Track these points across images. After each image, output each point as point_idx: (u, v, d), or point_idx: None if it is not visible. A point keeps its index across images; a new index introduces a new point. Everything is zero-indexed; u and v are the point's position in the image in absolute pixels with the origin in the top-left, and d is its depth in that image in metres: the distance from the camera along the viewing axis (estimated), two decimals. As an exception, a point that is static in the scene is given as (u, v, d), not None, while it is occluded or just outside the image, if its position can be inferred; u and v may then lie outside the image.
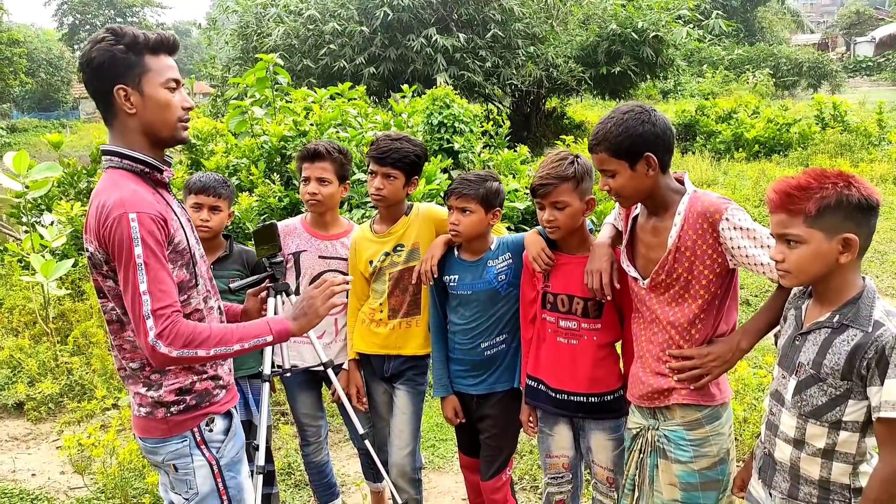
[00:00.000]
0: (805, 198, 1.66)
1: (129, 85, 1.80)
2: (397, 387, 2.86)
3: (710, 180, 10.80)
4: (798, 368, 1.77)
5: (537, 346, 2.52)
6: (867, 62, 40.45)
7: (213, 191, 2.80)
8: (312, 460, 3.09)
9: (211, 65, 19.61)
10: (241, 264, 2.89)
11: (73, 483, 3.78)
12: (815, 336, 1.74)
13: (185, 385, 1.91)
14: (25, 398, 4.66)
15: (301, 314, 1.95)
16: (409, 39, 14.49)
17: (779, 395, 1.84)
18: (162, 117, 1.85)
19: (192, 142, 8.01)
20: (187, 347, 1.73)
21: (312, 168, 2.80)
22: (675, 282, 2.06)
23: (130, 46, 1.79)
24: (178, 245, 1.85)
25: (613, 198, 2.13)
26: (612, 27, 14.96)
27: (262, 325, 1.88)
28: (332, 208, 2.92)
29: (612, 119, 2.03)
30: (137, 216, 1.72)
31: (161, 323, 1.71)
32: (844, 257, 1.66)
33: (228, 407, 2.03)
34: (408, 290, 2.77)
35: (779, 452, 1.83)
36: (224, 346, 1.79)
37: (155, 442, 1.92)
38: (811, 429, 1.74)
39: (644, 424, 2.21)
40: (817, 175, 1.68)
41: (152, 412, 1.90)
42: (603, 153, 2.04)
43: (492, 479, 2.71)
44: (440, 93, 8.63)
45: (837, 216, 1.64)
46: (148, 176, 1.87)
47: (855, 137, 12.73)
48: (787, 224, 1.70)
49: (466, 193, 2.52)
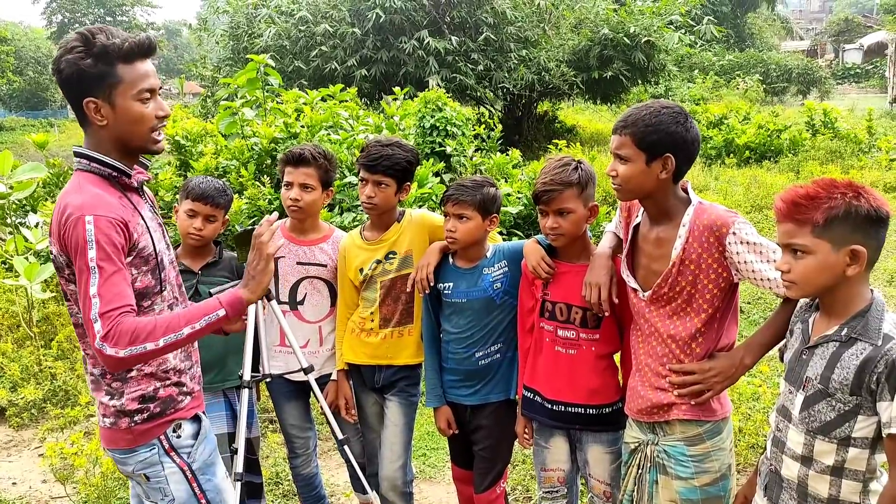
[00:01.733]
0: (813, 207, 1.62)
1: (99, 97, 1.74)
2: (389, 398, 2.80)
3: (702, 186, 10.81)
4: (805, 383, 1.72)
5: (534, 355, 2.47)
6: (855, 69, 40.80)
7: (212, 200, 2.71)
8: (300, 472, 3.03)
9: (201, 65, 19.48)
10: (229, 270, 2.81)
11: (54, 492, 3.69)
12: (823, 350, 1.70)
13: (147, 392, 1.86)
14: (7, 404, 4.56)
15: (249, 278, 1.88)
16: (401, 42, 14.43)
17: (786, 411, 1.79)
18: (133, 130, 1.80)
19: (182, 143, 7.92)
20: (133, 344, 1.67)
21: (296, 173, 2.72)
22: (678, 295, 2.02)
23: (100, 57, 1.72)
24: (143, 251, 1.81)
25: (615, 186, 2.07)
26: (603, 32, 14.96)
27: (211, 302, 1.81)
28: (314, 215, 2.84)
29: (648, 108, 1.98)
30: (94, 219, 1.69)
31: (107, 325, 1.66)
32: (852, 269, 1.62)
33: (196, 411, 1.98)
34: (400, 299, 2.71)
35: (786, 470, 1.78)
36: (173, 332, 1.72)
37: (123, 452, 1.88)
38: (819, 445, 1.69)
39: (643, 439, 2.16)
40: (826, 185, 1.64)
41: (116, 422, 1.86)
42: (627, 137, 1.97)
43: (486, 492, 2.66)
44: (432, 95, 8.58)
45: (845, 227, 1.60)
46: (116, 180, 1.83)
47: (845, 144, 12.78)
48: (793, 234, 1.66)
49: (463, 200, 2.47)
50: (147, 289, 1.83)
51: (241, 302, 1.84)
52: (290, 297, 2.82)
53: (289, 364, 2.83)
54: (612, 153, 2.06)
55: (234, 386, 2.80)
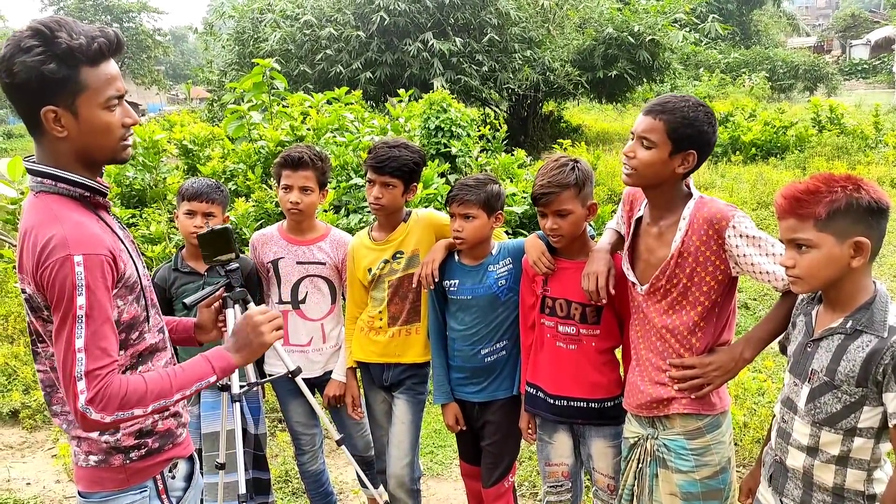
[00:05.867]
0: (814, 202, 1.64)
1: (59, 105, 1.51)
2: (397, 395, 2.83)
3: (708, 183, 10.79)
4: (811, 376, 1.74)
5: (536, 351, 2.50)
6: (863, 65, 40.58)
7: (207, 196, 2.75)
8: (308, 469, 3.07)
9: (208, 70, 19.59)
10: None
11: (68, 492, 3.75)
12: (828, 342, 1.71)
13: (145, 426, 1.69)
14: (20, 406, 4.62)
15: (244, 345, 1.75)
16: (406, 44, 14.48)
17: (791, 403, 1.81)
18: (100, 142, 1.58)
19: (189, 147, 7.99)
20: (122, 410, 1.51)
21: (295, 177, 2.76)
22: (675, 288, 2.04)
23: (64, 59, 1.47)
24: (129, 279, 1.62)
25: (627, 169, 2.04)
26: (608, 31, 14.97)
27: (203, 367, 1.67)
28: (312, 215, 2.90)
29: (687, 101, 1.98)
30: (84, 259, 1.47)
31: (94, 386, 1.47)
32: (857, 261, 1.64)
33: (192, 450, 1.83)
34: (407, 298, 2.75)
35: (791, 460, 1.80)
36: (164, 399, 1.58)
37: (106, 496, 1.66)
38: (825, 436, 1.71)
39: (642, 434, 2.18)
40: (825, 179, 1.66)
41: (107, 459, 1.66)
42: (661, 122, 1.96)
43: (493, 487, 2.69)
44: (437, 97, 8.62)
45: (848, 219, 1.62)
46: (87, 200, 1.61)
47: (852, 140, 12.72)
48: (797, 229, 1.68)
49: (468, 199, 2.49)
50: (135, 319, 1.65)
51: (232, 368, 1.73)
52: (292, 297, 2.87)
53: (294, 363, 2.87)
54: (636, 134, 2.00)
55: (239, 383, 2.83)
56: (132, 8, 46.66)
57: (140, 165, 7.60)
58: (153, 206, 7.17)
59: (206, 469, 2.76)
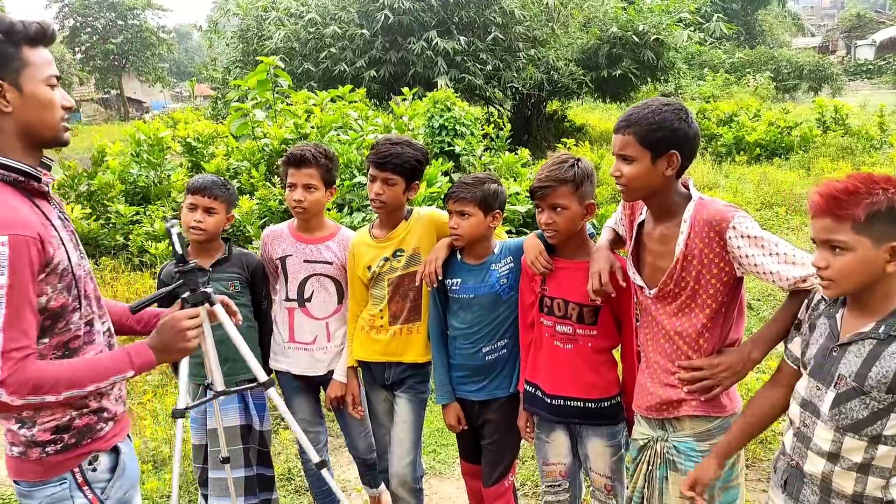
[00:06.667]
0: (854, 203, 1.57)
1: (5, 80, 1.58)
2: (398, 395, 2.82)
3: (712, 183, 10.78)
4: (838, 381, 1.68)
5: (535, 350, 2.50)
6: (868, 65, 40.45)
7: (209, 192, 2.73)
8: (312, 467, 3.06)
9: (212, 67, 19.66)
10: (240, 267, 2.84)
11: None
12: (858, 347, 1.66)
13: (62, 422, 1.70)
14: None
15: (165, 347, 1.81)
16: (410, 42, 14.48)
17: (813, 407, 1.75)
18: (43, 117, 1.65)
19: (193, 144, 8.00)
20: (34, 395, 1.54)
21: (299, 174, 2.76)
22: (683, 291, 2.02)
23: (8, 35, 1.57)
24: (58, 266, 1.63)
25: (619, 186, 2.06)
26: (612, 30, 14.96)
27: (122, 360, 1.71)
28: (318, 214, 2.88)
29: (649, 106, 1.97)
30: (10, 240, 1.50)
31: (8, 367, 1.50)
32: (893, 266, 1.59)
33: (116, 441, 1.82)
34: (408, 297, 2.75)
35: (810, 465, 1.74)
36: (77, 388, 1.61)
37: (29, 485, 1.71)
38: (849, 442, 1.66)
39: (652, 436, 2.16)
40: (865, 179, 1.60)
41: (26, 452, 1.70)
42: (630, 136, 1.97)
43: (494, 486, 2.69)
44: (441, 96, 8.62)
45: (886, 223, 1.57)
46: (22, 185, 1.64)
47: (857, 141, 12.70)
48: (833, 229, 1.61)
49: (464, 197, 2.49)
50: (63, 307, 1.66)
51: (152, 365, 1.77)
52: (299, 295, 2.87)
53: (299, 361, 2.88)
54: (615, 154, 2.05)
55: (246, 380, 2.83)
56: (137, 5, 46.69)
57: (144, 163, 7.62)
58: (157, 203, 7.19)
59: (213, 465, 2.76)
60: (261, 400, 2.88)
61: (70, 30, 47.29)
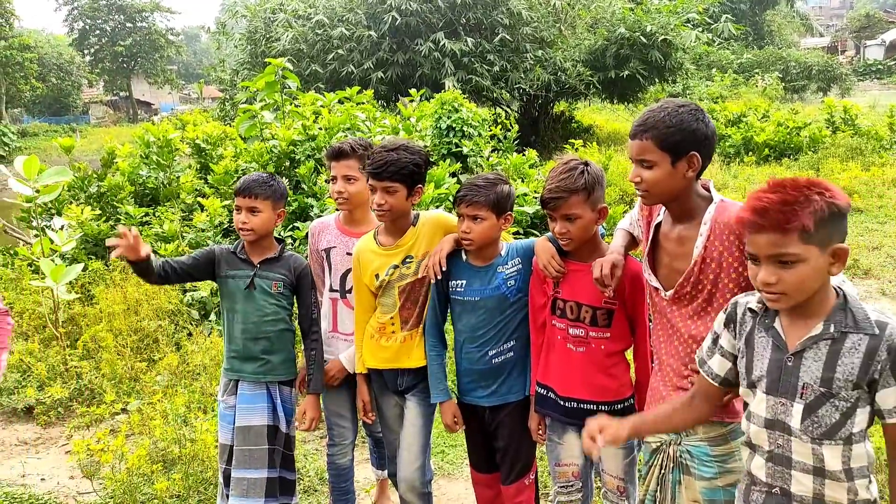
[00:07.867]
0: (796, 213, 1.53)
1: None
2: (408, 398, 2.79)
3: (720, 184, 10.74)
4: (803, 390, 1.64)
5: (547, 352, 2.48)
6: (877, 65, 40.28)
7: (249, 192, 2.74)
8: (336, 461, 3.04)
9: (220, 69, 19.72)
10: (287, 269, 2.83)
11: (81, 488, 3.78)
12: (815, 352, 1.62)
13: None
14: (35, 402, 4.66)
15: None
16: (417, 44, 14.51)
17: (782, 425, 1.67)
18: None
19: (202, 146, 8.03)
20: None
21: (338, 167, 2.79)
22: (699, 293, 2.00)
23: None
24: None
25: (640, 192, 2.03)
26: (620, 31, 14.94)
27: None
28: (361, 205, 2.86)
29: (665, 109, 1.94)
30: None
31: None
32: (836, 268, 1.58)
33: None
34: (418, 302, 2.71)
35: (797, 486, 1.67)
36: None
37: None
38: (826, 450, 1.62)
39: (665, 439, 2.13)
40: (794, 186, 1.56)
41: None
42: (649, 141, 1.93)
43: (515, 483, 2.62)
44: (448, 97, 8.63)
45: (828, 227, 1.55)
46: None
47: (866, 141, 12.64)
48: (781, 243, 1.55)
49: (477, 200, 2.43)
50: None
51: None
52: (341, 286, 2.89)
53: (340, 351, 2.91)
54: (633, 160, 2.01)
55: (276, 380, 2.84)
56: (145, 8, 46.91)
57: (153, 164, 7.65)
58: (166, 205, 7.21)
59: (237, 464, 2.75)
60: (289, 403, 2.88)
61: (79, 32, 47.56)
